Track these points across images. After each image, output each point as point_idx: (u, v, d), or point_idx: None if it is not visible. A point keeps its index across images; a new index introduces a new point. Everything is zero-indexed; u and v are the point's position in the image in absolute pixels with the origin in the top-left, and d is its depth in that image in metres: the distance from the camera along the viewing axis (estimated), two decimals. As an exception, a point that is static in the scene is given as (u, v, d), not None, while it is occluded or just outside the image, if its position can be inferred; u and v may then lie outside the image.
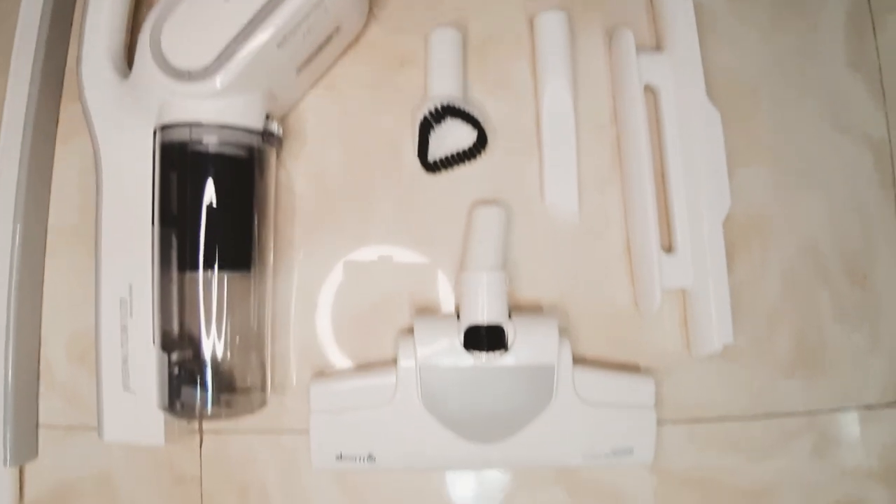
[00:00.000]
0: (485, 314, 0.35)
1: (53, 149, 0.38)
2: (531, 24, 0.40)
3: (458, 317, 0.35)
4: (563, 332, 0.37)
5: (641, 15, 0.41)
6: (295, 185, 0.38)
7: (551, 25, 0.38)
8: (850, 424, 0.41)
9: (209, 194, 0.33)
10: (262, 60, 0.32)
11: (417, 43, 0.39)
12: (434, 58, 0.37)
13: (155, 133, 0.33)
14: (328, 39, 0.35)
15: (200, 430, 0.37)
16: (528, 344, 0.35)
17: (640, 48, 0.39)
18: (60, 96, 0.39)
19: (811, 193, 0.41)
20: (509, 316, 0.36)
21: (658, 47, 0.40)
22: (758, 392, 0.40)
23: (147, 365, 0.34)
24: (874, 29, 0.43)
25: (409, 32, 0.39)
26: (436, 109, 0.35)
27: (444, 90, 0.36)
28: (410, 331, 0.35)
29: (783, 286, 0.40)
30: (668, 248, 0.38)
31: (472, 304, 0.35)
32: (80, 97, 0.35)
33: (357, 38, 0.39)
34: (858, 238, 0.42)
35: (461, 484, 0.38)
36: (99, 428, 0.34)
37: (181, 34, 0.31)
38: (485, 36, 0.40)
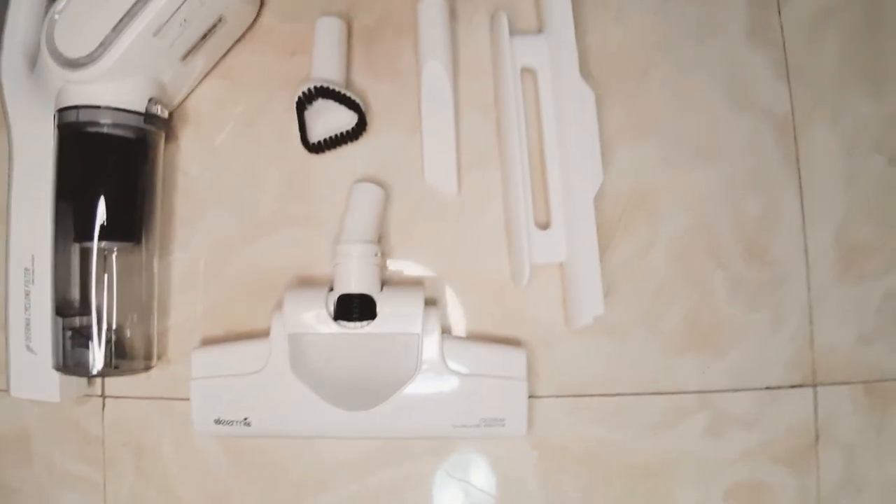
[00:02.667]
0: (354, 284, 0.36)
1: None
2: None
3: (332, 288, 0.37)
4: (434, 303, 0.38)
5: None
6: (190, 167, 0.41)
7: (431, 12, 0.39)
8: (750, 405, 0.40)
9: (97, 171, 0.36)
10: (140, 49, 0.35)
11: (308, 32, 0.41)
12: (317, 46, 0.39)
13: (55, 116, 0.37)
14: (212, 29, 0.38)
15: (103, 395, 0.40)
16: (395, 313, 0.36)
17: (522, 31, 0.41)
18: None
19: (705, 169, 0.41)
20: (382, 288, 0.37)
21: (540, 29, 0.41)
22: (646, 369, 0.39)
23: (46, 328, 0.37)
24: (778, 4, 0.43)
25: (301, 21, 0.41)
26: (308, 91, 0.37)
27: (323, 75, 0.39)
28: (287, 301, 0.37)
29: (672, 263, 0.40)
30: (546, 224, 0.38)
31: (343, 274, 0.37)
32: (-1, 88, 0.39)
33: (252, 27, 0.41)
34: (758, 215, 0.41)
35: (339, 451, 0.39)
36: (7, 385, 0.38)
37: (69, 27, 0.35)
38: (373, 22, 0.42)
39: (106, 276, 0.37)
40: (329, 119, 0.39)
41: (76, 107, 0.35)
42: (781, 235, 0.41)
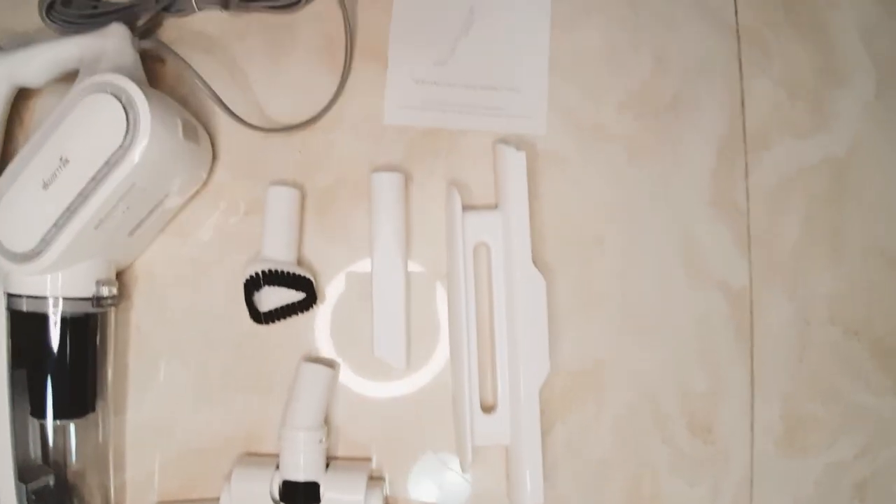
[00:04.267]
0: (299, 472, 0.37)
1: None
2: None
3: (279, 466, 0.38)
4: (379, 478, 0.39)
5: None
6: (142, 323, 0.41)
7: (385, 184, 0.39)
8: (684, 574, 0.41)
9: (47, 351, 0.36)
10: (82, 241, 0.34)
11: (263, 190, 0.40)
12: (268, 216, 0.39)
13: (4, 296, 0.37)
14: (159, 204, 0.37)
15: (65, 541, 0.42)
16: (339, 498, 0.37)
17: (478, 206, 0.40)
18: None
19: (655, 344, 0.41)
20: (327, 467, 0.38)
21: (496, 202, 0.40)
22: (586, 541, 0.41)
23: (12, 490, 0.38)
24: (746, 166, 0.42)
25: (255, 179, 0.41)
26: (256, 274, 0.37)
27: (273, 251, 0.38)
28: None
29: (616, 437, 0.40)
30: (492, 407, 0.39)
31: (288, 459, 0.37)
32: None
33: (206, 184, 0.41)
34: (705, 391, 0.41)
35: None
36: (-26, 541, 0.40)
37: (10, 219, 0.34)
38: (327, 184, 0.41)
39: (64, 445, 0.38)
40: (280, 289, 0.39)
41: (23, 296, 0.35)
42: (728, 410, 0.41)
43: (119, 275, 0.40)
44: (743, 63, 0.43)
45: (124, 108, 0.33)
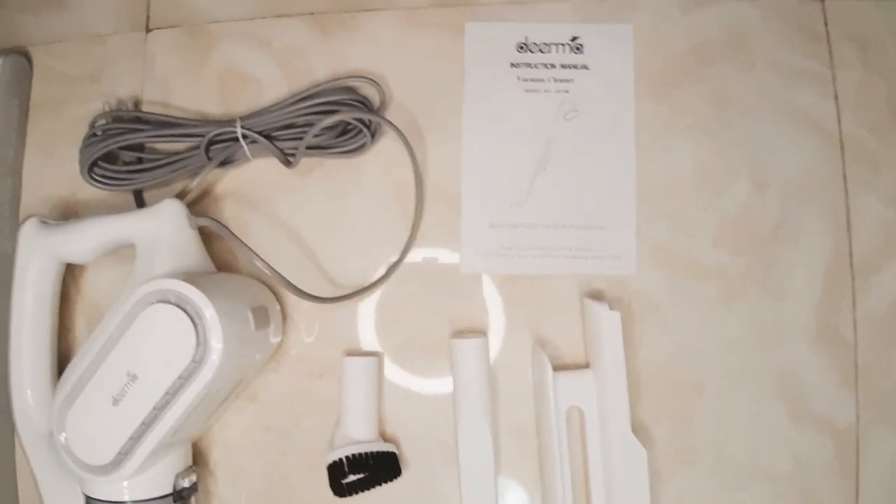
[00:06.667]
0: None
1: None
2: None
3: None
4: None
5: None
6: (223, 492, 0.39)
7: (466, 352, 0.36)
8: None
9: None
10: (161, 447, 0.32)
11: (336, 353, 0.38)
12: (346, 390, 0.36)
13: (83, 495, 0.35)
14: (234, 388, 0.35)
15: None
16: None
17: (567, 363, 0.37)
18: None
19: (756, 493, 0.38)
20: None
21: (588, 363, 0.37)
22: None
23: None
24: (854, 295, 0.38)
25: (329, 339, 0.38)
26: (340, 461, 0.35)
27: (354, 431, 0.36)
28: None
29: None
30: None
31: None
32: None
33: (279, 347, 0.39)
34: (809, 537, 0.39)
35: None
36: None
37: (81, 433, 0.32)
38: (406, 341, 0.38)
39: None
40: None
41: (103, 501, 0.34)
42: (833, 557, 0.39)
43: (195, 444, 0.38)
44: (848, 177, 0.39)
45: (192, 319, 0.31)
